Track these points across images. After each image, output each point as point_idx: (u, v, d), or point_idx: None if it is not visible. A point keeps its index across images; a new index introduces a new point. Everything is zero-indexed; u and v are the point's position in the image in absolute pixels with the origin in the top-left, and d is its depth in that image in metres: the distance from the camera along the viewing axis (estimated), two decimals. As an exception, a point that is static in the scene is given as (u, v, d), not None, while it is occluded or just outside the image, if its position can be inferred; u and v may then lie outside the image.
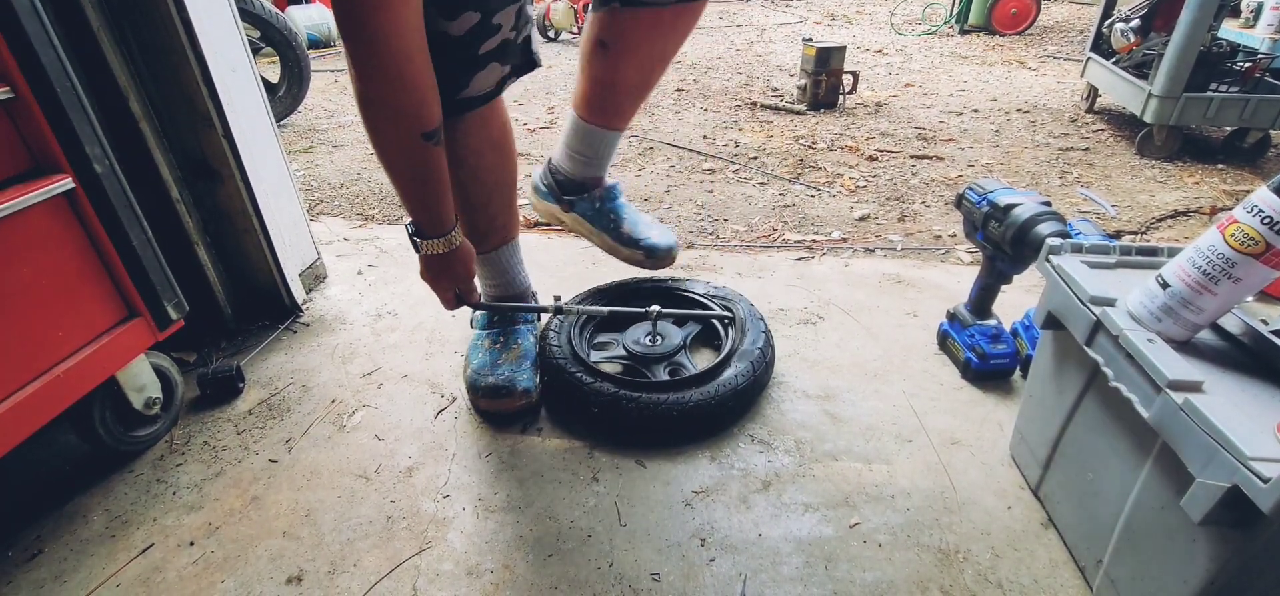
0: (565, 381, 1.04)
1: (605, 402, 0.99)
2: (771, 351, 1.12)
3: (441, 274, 0.97)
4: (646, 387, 1.01)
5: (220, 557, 0.83)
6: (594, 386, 1.01)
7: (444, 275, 0.97)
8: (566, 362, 1.06)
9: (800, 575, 0.81)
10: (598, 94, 1.08)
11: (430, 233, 0.91)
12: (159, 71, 1.06)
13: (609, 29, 1.01)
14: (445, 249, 0.93)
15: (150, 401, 0.96)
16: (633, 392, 1.00)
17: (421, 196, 0.88)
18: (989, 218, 1.04)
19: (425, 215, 0.90)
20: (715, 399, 1.00)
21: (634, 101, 1.11)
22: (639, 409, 0.98)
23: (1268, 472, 0.51)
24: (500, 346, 1.10)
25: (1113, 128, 2.71)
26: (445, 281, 0.98)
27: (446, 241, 0.92)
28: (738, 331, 1.15)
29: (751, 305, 1.21)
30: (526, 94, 3.17)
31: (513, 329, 1.13)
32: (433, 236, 0.92)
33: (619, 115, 1.11)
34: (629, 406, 0.98)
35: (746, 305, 1.21)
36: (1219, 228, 0.65)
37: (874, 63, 3.97)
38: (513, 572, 0.81)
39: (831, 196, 2.05)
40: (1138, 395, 0.66)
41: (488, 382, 1.04)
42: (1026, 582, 0.80)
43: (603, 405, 0.99)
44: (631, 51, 1.02)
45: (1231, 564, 0.59)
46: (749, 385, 1.04)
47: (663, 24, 1.00)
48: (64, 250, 0.81)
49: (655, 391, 1.00)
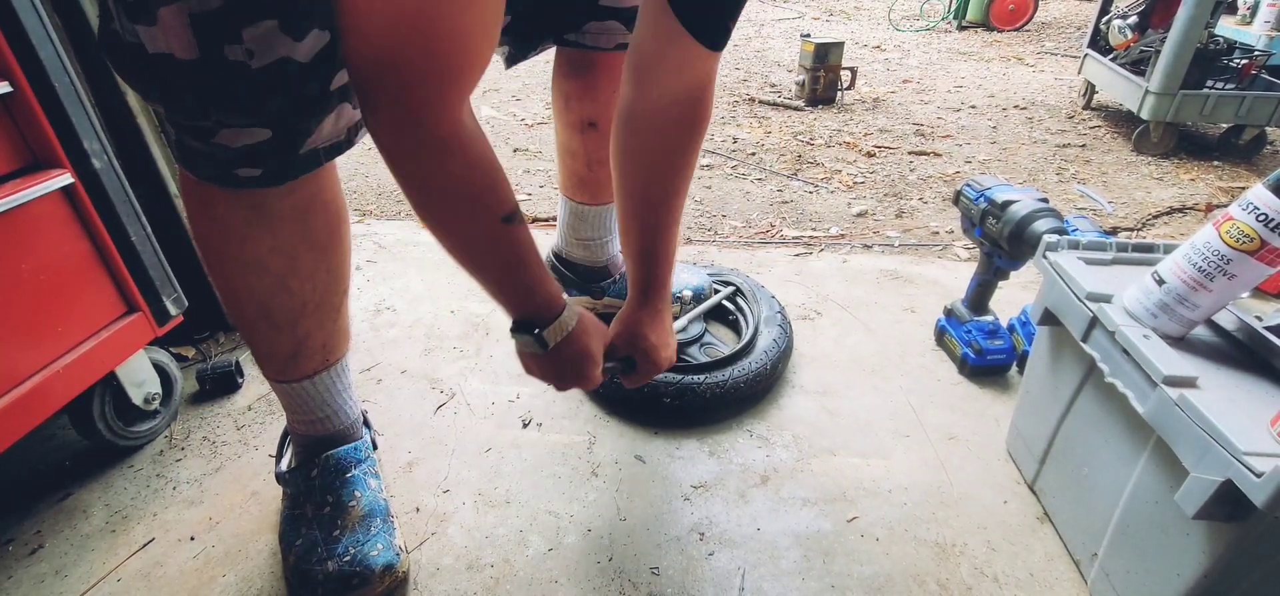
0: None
1: (676, 391, 1.02)
2: (786, 315, 1.19)
3: (582, 353, 0.74)
4: (701, 369, 1.05)
5: (221, 553, 0.83)
6: (663, 379, 1.02)
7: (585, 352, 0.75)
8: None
9: (798, 569, 0.82)
10: (595, 175, 1.03)
11: (547, 316, 0.70)
12: (157, 66, 1.05)
13: (589, 104, 0.97)
14: (571, 327, 0.73)
15: (150, 396, 0.96)
16: (697, 377, 1.03)
17: (524, 281, 0.68)
18: (987, 214, 1.04)
19: (533, 300, 0.69)
20: (769, 363, 1.07)
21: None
22: (710, 390, 1.02)
23: (1261, 467, 0.52)
24: (329, 510, 0.79)
25: (1109, 124, 2.72)
26: (589, 360, 0.75)
27: (569, 314, 0.72)
28: (751, 302, 1.22)
29: (746, 277, 1.29)
30: (524, 89, 3.17)
31: (344, 478, 0.82)
32: (552, 319, 0.70)
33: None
34: (701, 390, 1.02)
35: (741, 277, 1.29)
36: (1215, 225, 0.66)
37: (872, 59, 3.97)
38: (512, 567, 0.82)
39: (829, 192, 2.05)
40: (1133, 390, 0.67)
41: (327, 572, 0.74)
42: (1022, 576, 0.81)
43: (674, 394, 1.02)
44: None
45: (1225, 557, 0.60)
46: (787, 345, 1.12)
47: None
48: (63, 246, 0.81)
49: (711, 371, 1.04)
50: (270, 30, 0.53)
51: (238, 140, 0.59)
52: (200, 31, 0.52)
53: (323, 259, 0.73)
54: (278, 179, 0.64)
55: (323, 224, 0.71)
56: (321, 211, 0.71)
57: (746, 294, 1.25)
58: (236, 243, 0.68)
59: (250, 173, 0.62)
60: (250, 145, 0.59)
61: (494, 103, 2.94)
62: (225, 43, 0.52)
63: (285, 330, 0.74)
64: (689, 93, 0.75)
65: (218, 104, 0.56)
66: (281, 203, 0.67)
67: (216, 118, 0.57)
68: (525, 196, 2.01)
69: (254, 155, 0.60)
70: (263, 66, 0.54)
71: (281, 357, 0.77)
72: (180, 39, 0.52)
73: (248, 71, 0.54)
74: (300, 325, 0.74)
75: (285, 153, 0.62)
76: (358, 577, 0.74)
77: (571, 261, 1.16)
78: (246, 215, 0.67)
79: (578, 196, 1.09)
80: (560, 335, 0.72)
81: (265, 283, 0.70)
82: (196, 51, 0.52)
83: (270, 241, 0.68)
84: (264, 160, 0.61)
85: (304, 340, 0.76)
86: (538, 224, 1.80)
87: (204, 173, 0.63)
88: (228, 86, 0.55)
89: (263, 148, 0.60)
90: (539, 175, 2.18)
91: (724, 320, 1.29)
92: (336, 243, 0.74)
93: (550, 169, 2.23)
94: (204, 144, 0.59)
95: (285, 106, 0.58)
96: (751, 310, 1.21)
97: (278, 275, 0.70)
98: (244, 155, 0.60)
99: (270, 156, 0.61)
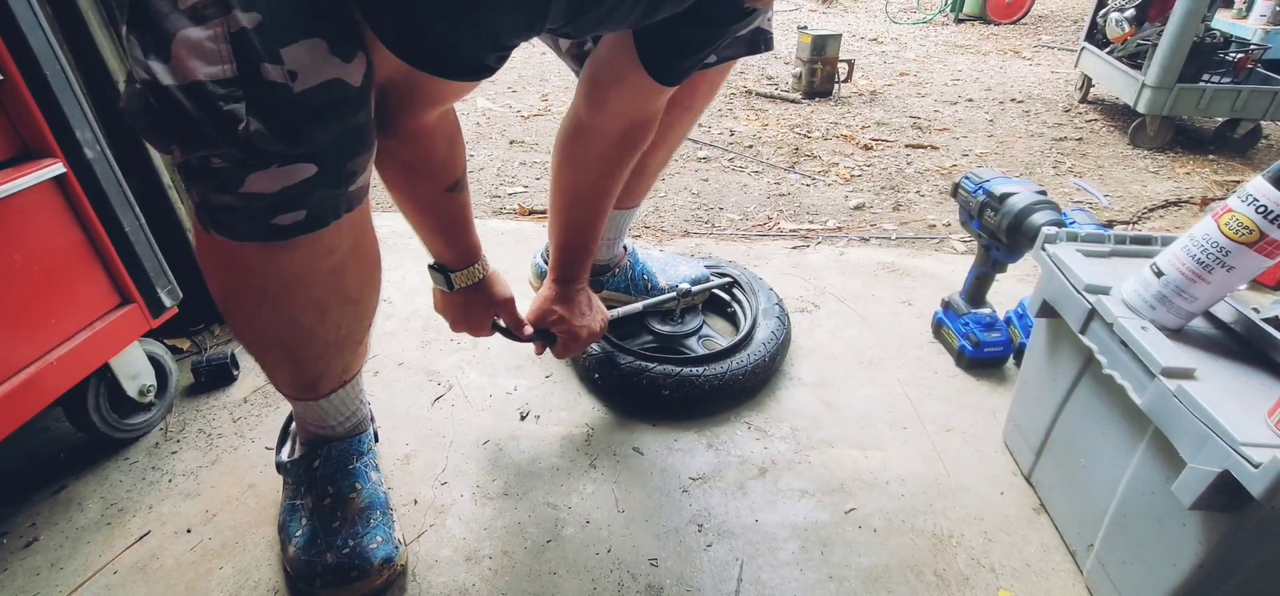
0: (624, 374, 1.03)
1: (675, 383, 1.02)
2: (784, 307, 1.20)
3: (476, 304, 0.89)
4: (700, 362, 1.05)
5: (217, 545, 0.83)
6: (661, 372, 1.02)
7: (477, 305, 0.89)
8: (622, 358, 1.05)
9: (796, 560, 0.82)
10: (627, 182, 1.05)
11: (459, 265, 0.85)
12: (150, 55, 1.04)
13: None
14: (481, 275, 0.87)
15: (145, 389, 0.96)
16: (696, 369, 1.03)
17: (450, 235, 0.82)
18: (985, 206, 1.04)
19: (454, 251, 0.83)
20: (768, 355, 1.07)
21: (658, 173, 1.10)
22: (708, 382, 1.02)
23: (1259, 457, 0.52)
24: (329, 502, 0.79)
25: (1106, 118, 2.72)
26: (480, 313, 0.91)
27: (481, 266, 0.86)
28: (749, 294, 1.23)
29: (743, 269, 1.31)
30: (520, 80, 3.15)
31: (346, 470, 0.81)
32: (462, 268, 0.85)
33: (644, 192, 1.11)
34: (701, 382, 1.02)
35: (738, 269, 1.30)
36: (1214, 217, 0.66)
37: (869, 51, 3.96)
38: (511, 558, 0.82)
39: (827, 185, 2.05)
40: (1131, 382, 0.67)
41: (326, 563, 0.74)
42: (1018, 566, 0.82)
43: (672, 385, 1.01)
44: (664, 137, 0.99)
45: (1221, 547, 0.60)
46: (785, 336, 1.13)
47: (687, 102, 0.96)
48: (55, 236, 0.80)
49: (710, 363, 1.04)
50: (316, 49, 0.50)
51: (277, 183, 0.52)
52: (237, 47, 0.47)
53: (353, 309, 0.70)
54: (321, 221, 0.57)
55: (356, 279, 0.68)
56: (357, 265, 0.67)
57: (743, 286, 1.25)
58: (269, 307, 0.64)
59: (293, 218, 0.55)
60: (290, 187, 0.53)
61: (489, 95, 2.93)
62: (262, 61, 0.48)
63: (308, 367, 0.73)
64: (636, 118, 0.84)
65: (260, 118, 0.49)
66: (320, 264, 0.62)
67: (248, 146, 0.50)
68: (521, 188, 2.00)
69: (295, 197, 0.54)
70: (307, 89, 0.50)
71: (298, 386, 0.76)
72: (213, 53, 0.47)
73: (289, 94, 0.49)
74: (322, 361, 0.73)
75: (333, 185, 0.56)
76: (356, 570, 0.74)
77: None
78: (282, 282, 0.61)
79: None
80: (467, 282, 0.85)
81: (293, 333, 0.67)
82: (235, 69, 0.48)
83: (304, 300, 0.64)
84: (306, 200, 0.55)
85: (324, 372, 0.75)
86: (535, 217, 1.79)
87: (240, 231, 0.56)
88: (267, 109, 0.49)
89: (306, 185, 0.54)
90: (535, 167, 2.17)
91: (723, 313, 1.29)
92: (370, 292, 0.72)
93: (547, 161, 2.22)
94: (233, 195, 0.52)
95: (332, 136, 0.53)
96: (749, 303, 1.21)
97: (306, 328, 0.67)
98: (284, 199, 0.54)
99: (314, 193, 0.55)
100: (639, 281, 1.20)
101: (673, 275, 1.22)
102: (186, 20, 0.47)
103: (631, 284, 1.20)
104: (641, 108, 0.82)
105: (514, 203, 1.89)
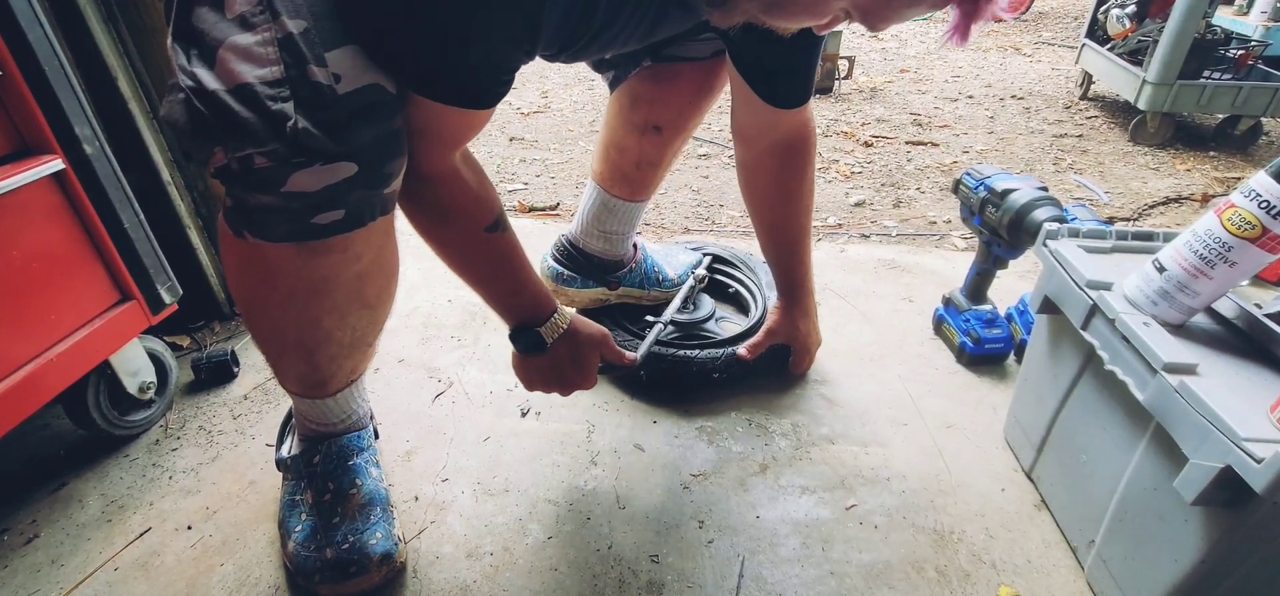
0: (674, 365, 1.04)
1: (723, 364, 1.05)
2: None
3: (580, 348, 0.83)
4: (735, 341, 1.09)
5: (218, 542, 0.83)
6: (707, 356, 1.05)
7: (582, 349, 0.83)
8: (665, 351, 1.05)
9: (797, 556, 0.82)
10: (640, 174, 1.06)
11: (538, 317, 0.80)
12: (148, 52, 1.04)
13: (660, 109, 0.99)
14: (568, 318, 0.81)
15: (145, 385, 0.96)
16: (734, 348, 1.07)
17: (512, 282, 0.78)
18: (986, 203, 1.04)
19: (524, 300, 0.79)
20: None
21: (670, 166, 1.11)
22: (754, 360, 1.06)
23: (1261, 453, 0.52)
24: (329, 498, 0.79)
25: (1106, 115, 2.72)
26: (587, 355, 0.84)
27: (561, 315, 0.81)
28: (750, 271, 1.27)
29: (732, 248, 1.34)
30: (520, 78, 3.14)
31: (346, 466, 0.81)
32: (544, 319, 0.80)
33: (657, 184, 1.12)
34: (746, 362, 1.06)
35: (722, 247, 1.34)
36: (1216, 212, 0.66)
37: (869, 48, 3.95)
38: (512, 555, 0.82)
39: (827, 182, 2.05)
40: (1133, 378, 0.67)
41: (325, 559, 0.74)
42: (1019, 562, 0.82)
43: (721, 367, 1.05)
44: (683, 129, 1.02)
45: (1222, 543, 0.60)
46: None
47: (712, 85, 0.98)
48: (55, 232, 0.80)
49: (741, 342, 1.08)
50: (356, 55, 0.54)
51: (319, 182, 0.54)
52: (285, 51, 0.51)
53: (370, 314, 0.72)
54: (359, 220, 0.60)
55: (376, 286, 0.70)
56: (379, 273, 0.69)
57: (740, 264, 1.29)
58: (295, 310, 0.65)
59: (332, 217, 0.57)
60: (331, 185, 0.55)
61: (490, 91, 2.92)
62: (309, 64, 0.52)
63: (321, 367, 0.74)
64: (787, 140, 0.93)
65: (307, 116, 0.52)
66: (348, 269, 0.63)
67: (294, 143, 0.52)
68: (521, 185, 2.00)
69: (336, 196, 0.56)
70: (350, 91, 0.53)
71: (307, 384, 0.77)
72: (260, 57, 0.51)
73: (333, 95, 0.52)
74: (334, 362, 0.74)
75: (371, 185, 0.58)
76: (355, 565, 0.74)
77: (587, 251, 1.16)
78: (310, 284, 0.63)
79: (616, 191, 1.08)
80: (555, 333, 0.80)
81: (314, 335, 0.69)
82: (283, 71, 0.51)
83: (328, 303, 0.66)
84: (345, 199, 0.57)
85: (335, 372, 0.76)
86: (535, 213, 1.79)
87: (278, 232, 0.58)
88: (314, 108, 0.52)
89: (346, 184, 0.56)
90: (535, 165, 2.17)
91: (725, 296, 1.30)
92: (387, 299, 0.74)
93: (547, 158, 2.22)
94: (274, 195, 0.54)
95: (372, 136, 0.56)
96: (751, 279, 1.25)
97: (326, 331, 0.69)
98: (325, 198, 0.55)
99: (353, 192, 0.57)
100: (650, 276, 1.21)
101: (677, 265, 1.24)
102: (235, 28, 0.50)
103: (644, 279, 1.20)
104: (789, 130, 0.92)
105: (515, 200, 1.88)
